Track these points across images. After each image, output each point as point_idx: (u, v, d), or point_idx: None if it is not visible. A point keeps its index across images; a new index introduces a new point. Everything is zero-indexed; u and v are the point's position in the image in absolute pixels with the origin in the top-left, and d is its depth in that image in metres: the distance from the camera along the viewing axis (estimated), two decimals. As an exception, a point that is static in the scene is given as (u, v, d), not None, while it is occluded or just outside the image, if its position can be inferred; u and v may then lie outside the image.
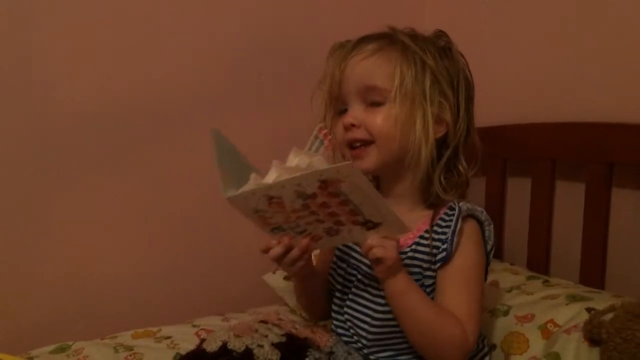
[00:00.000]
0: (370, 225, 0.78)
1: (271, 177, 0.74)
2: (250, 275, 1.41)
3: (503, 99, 1.41)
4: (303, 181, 0.72)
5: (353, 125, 0.88)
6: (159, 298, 1.37)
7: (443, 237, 0.88)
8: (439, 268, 0.88)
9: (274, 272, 1.32)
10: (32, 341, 1.13)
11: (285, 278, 1.28)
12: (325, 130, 0.87)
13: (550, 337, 0.96)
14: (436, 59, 0.88)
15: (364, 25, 0.95)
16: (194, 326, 1.19)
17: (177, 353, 1.04)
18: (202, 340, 0.87)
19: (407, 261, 0.88)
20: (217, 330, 0.90)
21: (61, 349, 1.07)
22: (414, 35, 0.91)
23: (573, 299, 1.03)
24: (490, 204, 1.37)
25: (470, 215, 0.91)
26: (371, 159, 0.88)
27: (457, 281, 0.87)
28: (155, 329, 1.16)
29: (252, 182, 0.76)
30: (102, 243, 1.32)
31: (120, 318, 1.30)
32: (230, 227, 1.44)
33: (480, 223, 0.93)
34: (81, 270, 1.29)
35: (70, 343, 1.08)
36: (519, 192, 1.35)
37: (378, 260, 0.82)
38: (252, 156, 1.21)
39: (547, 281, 1.16)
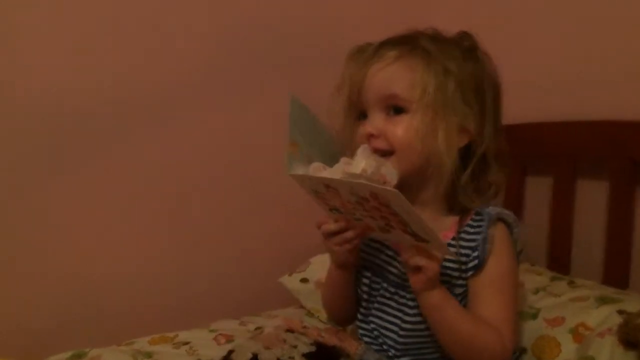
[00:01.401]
0: (419, 238, 0.76)
1: (332, 173, 0.74)
2: (264, 277, 1.40)
3: (523, 97, 1.37)
4: (355, 187, 0.72)
5: (372, 135, 0.84)
6: (170, 301, 1.35)
7: (472, 244, 0.85)
8: (471, 276, 0.85)
9: (290, 275, 1.29)
10: (39, 347, 1.09)
11: (302, 281, 1.25)
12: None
13: (582, 341, 0.94)
14: (460, 64, 0.84)
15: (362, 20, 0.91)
16: (211, 331, 1.16)
17: (199, 359, 1.01)
18: (230, 352, 0.84)
19: None
20: (244, 341, 0.88)
21: (78, 356, 1.03)
22: (436, 39, 0.86)
23: (602, 301, 1.01)
24: (509, 203, 1.34)
25: (499, 219, 0.88)
26: None
27: (491, 289, 0.84)
28: (172, 335, 1.13)
29: (312, 171, 0.76)
30: (109, 244, 1.29)
31: (130, 322, 1.28)
32: (244, 229, 1.43)
33: (508, 225, 0.90)
34: (85, 271, 1.27)
35: (86, 350, 1.04)
36: (538, 192, 1.33)
37: (418, 269, 0.79)
38: (236, 149, 1.19)
39: (572, 282, 1.14)
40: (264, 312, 1.28)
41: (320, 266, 1.25)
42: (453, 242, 0.86)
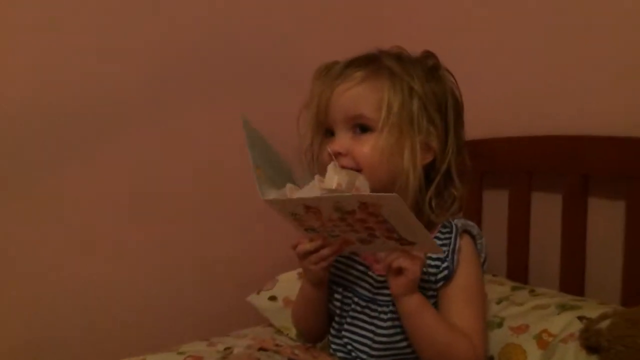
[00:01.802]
0: (404, 242, 0.78)
1: (310, 194, 0.75)
2: (231, 297, 1.39)
3: (479, 114, 1.43)
4: (343, 201, 0.73)
5: (340, 153, 0.86)
6: (136, 323, 1.31)
7: (442, 255, 0.88)
8: (441, 287, 0.88)
9: (258, 293, 1.29)
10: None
11: (270, 299, 1.25)
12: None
13: (547, 347, 0.98)
14: (424, 84, 0.87)
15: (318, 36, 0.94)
16: (180, 353, 1.13)
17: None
18: None
19: None
20: None
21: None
22: (401, 58, 0.90)
23: (563, 308, 1.05)
24: (468, 216, 1.38)
25: (465, 231, 0.92)
26: None
27: (461, 298, 0.88)
28: (139, 359, 1.10)
29: (289, 193, 0.77)
30: (66, 272, 1.25)
31: (93, 348, 1.24)
32: (208, 250, 1.42)
33: (473, 237, 0.93)
34: (41, 293, 1.23)
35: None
36: (495, 205, 1.38)
37: (399, 272, 0.81)
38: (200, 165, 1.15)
39: (532, 291, 1.18)
40: (233, 332, 1.26)
41: (287, 284, 1.26)
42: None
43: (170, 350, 1.15)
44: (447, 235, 0.89)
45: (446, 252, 0.88)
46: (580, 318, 1.00)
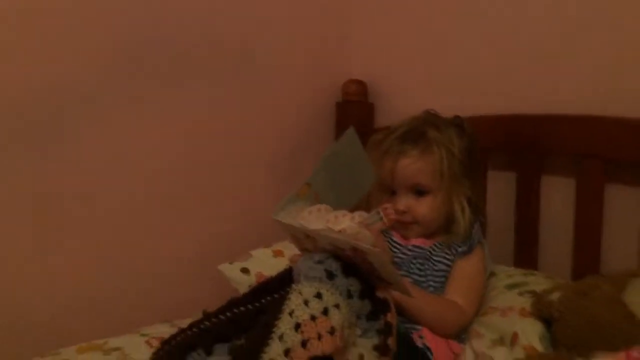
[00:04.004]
0: (383, 281, 0.88)
1: (315, 226, 0.89)
2: (194, 281, 1.40)
3: (437, 93, 1.47)
4: (337, 241, 0.85)
5: (404, 211, 1.10)
6: (97, 308, 1.29)
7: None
8: (455, 261, 1.10)
9: (230, 263, 1.27)
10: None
11: (243, 270, 1.24)
12: (391, 212, 0.97)
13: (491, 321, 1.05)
14: (458, 145, 1.12)
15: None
16: (143, 335, 1.13)
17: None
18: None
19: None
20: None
21: (0, 371, 0.97)
22: (438, 127, 1.14)
23: (509, 287, 1.12)
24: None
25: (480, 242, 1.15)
26: (415, 232, 1.13)
27: (463, 276, 1.10)
28: (101, 342, 1.09)
29: (296, 220, 0.91)
30: (31, 251, 1.23)
31: (54, 331, 1.22)
32: (171, 234, 1.41)
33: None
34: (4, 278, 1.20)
35: (8, 364, 0.99)
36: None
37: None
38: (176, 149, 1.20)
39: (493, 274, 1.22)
40: (196, 313, 1.26)
41: (261, 259, 1.26)
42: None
43: (133, 333, 1.14)
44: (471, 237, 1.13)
45: (469, 244, 1.11)
46: (520, 294, 1.07)
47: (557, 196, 1.26)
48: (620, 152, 1.11)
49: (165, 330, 1.14)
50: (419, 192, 1.11)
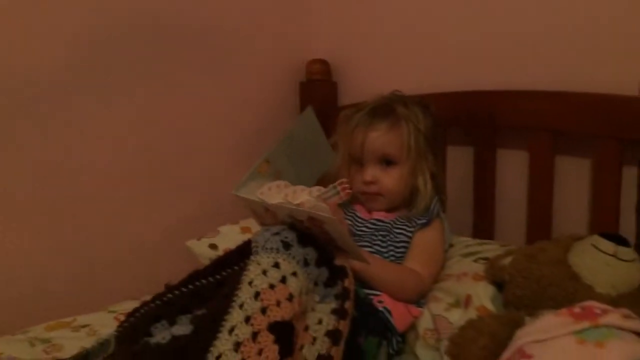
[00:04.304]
0: (340, 249, 0.92)
1: (273, 200, 0.92)
2: (161, 259, 1.41)
3: (398, 72, 1.51)
4: (295, 212, 0.88)
5: (371, 182, 1.16)
6: (66, 287, 1.30)
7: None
8: (415, 232, 1.14)
9: (198, 239, 1.29)
10: None
11: (211, 246, 1.27)
12: (346, 186, 0.98)
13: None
14: (424, 123, 1.18)
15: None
16: (111, 312, 1.15)
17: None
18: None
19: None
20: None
21: (-33, 351, 0.98)
22: (406, 104, 1.19)
23: (464, 256, 1.17)
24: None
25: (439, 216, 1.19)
26: (380, 204, 1.18)
27: (422, 248, 1.14)
28: (69, 319, 1.11)
29: (256, 195, 0.94)
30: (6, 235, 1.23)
31: (23, 310, 1.22)
32: (141, 215, 1.43)
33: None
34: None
35: (-23, 342, 1.00)
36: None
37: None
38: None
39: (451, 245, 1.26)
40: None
41: (229, 235, 1.28)
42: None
43: (101, 310, 1.16)
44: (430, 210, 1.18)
45: (428, 217, 1.16)
46: (475, 260, 1.12)
47: (512, 168, 1.31)
48: (569, 125, 1.16)
49: (134, 306, 1.16)
50: (387, 162, 1.16)
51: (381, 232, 1.15)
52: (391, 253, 1.12)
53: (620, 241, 0.91)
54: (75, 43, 1.29)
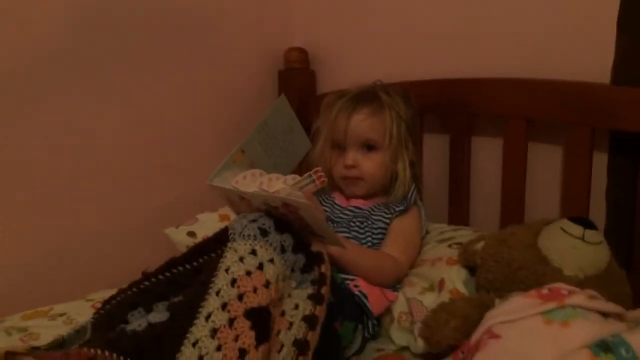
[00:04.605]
0: (316, 235, 0.92)
1: (248, 188, 0.92)
2: (140, 247, 1.41)
3: (376, 60, 1.52)
4: (270, 199, 0.89)
5: (352, 165, 1.18)
6: (43, 277, 1.30)
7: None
8: (394, 219, 1.16)
9: (177, 227, 1.30)
10: None
11: (189, 234, 1.28)
12: (321, 174, 0.96)
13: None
14: (405, 111, 1.21)
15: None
16: (88, 300, 1.15)
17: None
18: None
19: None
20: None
21: (-58, 341, 0.98)
22: (389, 92, 1.22)
23: (439, 242, 1.19)
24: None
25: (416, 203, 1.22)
26: (361, 189, 1.21)
27: (399, 234, 1.16)
28: (46, 308, 1.11)
29: (230, 184, 0.94)
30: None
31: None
32: (124, 201, 1.42)
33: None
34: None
35: (-48, 333, 0.99)
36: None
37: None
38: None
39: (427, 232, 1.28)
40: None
41: (207, 223, 1.28)
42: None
43: (78, 299, 1.16)
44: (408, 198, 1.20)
45: (406, 204, 1.18)
46: (450, 246, 1.14)
47: (486, 155, 1.33)
48: (541, 112, 1.18)
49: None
50: (369, 147, 1.18)
51: (359, 219, 1.16)
52: (369, 239, 1.14)
53: (588, 225, 0.93)
54: (57, 34, 1.28)
